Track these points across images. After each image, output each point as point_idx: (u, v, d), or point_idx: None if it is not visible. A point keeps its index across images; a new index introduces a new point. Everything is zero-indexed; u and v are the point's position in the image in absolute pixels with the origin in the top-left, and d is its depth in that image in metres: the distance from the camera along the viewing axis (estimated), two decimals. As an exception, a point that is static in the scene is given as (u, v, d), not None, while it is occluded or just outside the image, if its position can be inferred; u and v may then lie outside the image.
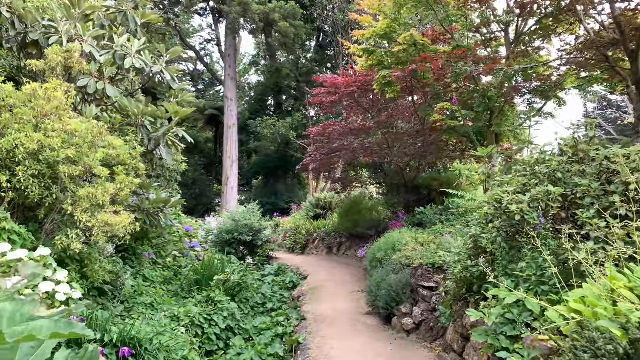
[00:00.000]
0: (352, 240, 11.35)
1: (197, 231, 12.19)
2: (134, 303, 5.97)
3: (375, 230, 9.92)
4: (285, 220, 16.40)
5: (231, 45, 20.22)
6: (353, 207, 11.32)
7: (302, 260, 11.83)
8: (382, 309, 6.03)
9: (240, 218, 11.48)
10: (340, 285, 8.50)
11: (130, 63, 6.33)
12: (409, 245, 7.08)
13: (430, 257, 6.09)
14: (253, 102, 24.64)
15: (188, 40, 31.63)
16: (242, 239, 11.18)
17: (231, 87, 19.85)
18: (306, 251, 13.36)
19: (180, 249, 9.09)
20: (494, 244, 3.53)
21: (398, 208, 11.29)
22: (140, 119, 6.46)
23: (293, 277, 9.44)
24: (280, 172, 25.61)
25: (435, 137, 9.77)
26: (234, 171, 20.06)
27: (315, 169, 10.34)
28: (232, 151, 19.94)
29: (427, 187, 10.95)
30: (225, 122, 20.07)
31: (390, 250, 7.27)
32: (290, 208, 18.08)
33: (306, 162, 10.13)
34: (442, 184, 10.56)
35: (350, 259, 11.07)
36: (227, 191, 19.92)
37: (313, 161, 9.90)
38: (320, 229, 13.28)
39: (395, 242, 7.33)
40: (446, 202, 9.61)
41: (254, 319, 6.66)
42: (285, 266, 10.64)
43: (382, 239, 8.13)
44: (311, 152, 10.01)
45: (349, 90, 9.49)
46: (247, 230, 11.33)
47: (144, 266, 7.25)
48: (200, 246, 9.61)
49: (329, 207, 15.01)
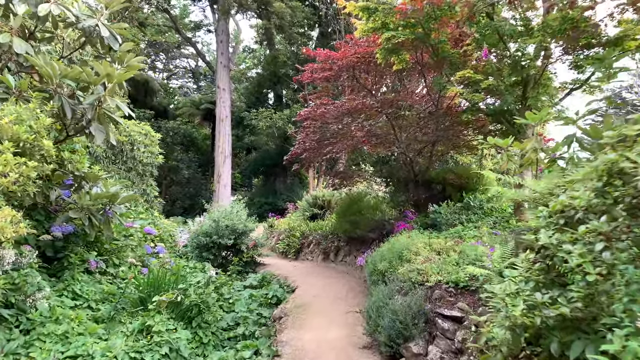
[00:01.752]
0: (351, 244, 9.62)
1: (175, 234, 10.59)
2: (40, 334, 4.30)
3: (379, 232, 8.18)
4: (280, 221, 14.70)
5: (223, 30, 18.56)
6: (352, 205, 9.59)
7: (294, 267, 10.12)
8: (385, 346, 4.29)
9: (220, 218, 9.81)
10: (333, 303, 6.78)
11: (47, 10, 4.71)
12: (421, 253, 5.33)
13: (451, 272, 4.35)
14: (249, 95, 22.97)
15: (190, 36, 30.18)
16: (223, 243, 9.51)
17: (224, 75, 18.21)
18: (300, 256, 11.65)
19: (140, 256, 7.44)
20: (600, 262, 1.79)
21: (407, 206, 9.55)
22: (57, 82, 4.78)
23: (278, 290, 7.74)
24: (279, 169, 23.86)
25: (452, 121, 8.01)
26: (226, 168, 18.39)
27: (307, 160, 8.57)
28: (225, 145, 18.29)
29: (440, 181, 9.18)
30: (217, 114, 18.41)
31: (395, 260, 5.54)
32: (288, 208, 16.38)
33: (295, 151, 8.38)
34: (459, 177, 8.78)
35: (348, 267, 9.34)
36: (220, 189, 18.26)
37: (303, 150, 8.17)
38: (317, 231, 11.56)
39: (403, 249, 5.60)
40: (465, 199, 7.84)
41: (211, 353, 4.95)
42: (272, 275, 8.94)
43: (385, 244, 6.41)
44: (301, 139, 8.30)
45: (347, 62, 7.76)
46: (228, 233, 9.66)
47: (77, 279, 5.59)
48: (165, 252, 7.95)
49: (328, 206, 13.28)
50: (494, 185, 9.40)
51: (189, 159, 24.83)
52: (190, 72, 47.45)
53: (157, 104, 25.68)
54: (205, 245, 9.61)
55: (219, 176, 18.33)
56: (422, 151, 9.12)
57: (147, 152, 11.18)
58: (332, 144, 7.70)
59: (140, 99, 25.27)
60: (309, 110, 7.95)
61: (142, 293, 5.33)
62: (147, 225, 9.97)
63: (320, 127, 7.98)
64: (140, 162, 10.94)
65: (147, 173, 11.30)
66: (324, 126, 7.89)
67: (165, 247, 9.41)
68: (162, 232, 9.89)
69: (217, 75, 18.66)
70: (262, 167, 24.39)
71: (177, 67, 46.43)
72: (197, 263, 8.85)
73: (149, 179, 11.35)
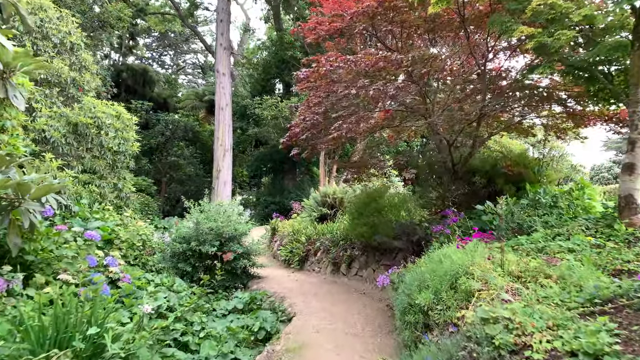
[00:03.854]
0: (368, 254, 7.44)
1: (151, 239, 8.57)
2: None
3: (407, 240, 5.99)
4: (285, 223, 12.55)
5: (224, 8, 16.52)
6: (370, 204, 7.41)
7: (295, 281, 7.99)
8: None
9: (201, 220, 7.74)
10: (344, 344, 4.62)
11: None
12: (495, 281, 3.13)
13: (572, 331, 2.14)
14: (255, 83, 20.88)
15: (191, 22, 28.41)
16: (204, 251, 7.43)
17: (224, 58, 16.19)
18: (305, 266, 9.51)
19: (78, 271, 5.41)
20: None
21: (438, 205, 7.34)
22: None
23: (268, 319, 5.63)
24: (288, 166, 21.76)
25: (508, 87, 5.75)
26: (226, 162, 16.34)
27: (309, 144, 6.31)
28: (225, 137, 16.25)
29: (487, 172, 6.94)
30: (217, 101, 16.38)
31: (446, 290, 3.35)
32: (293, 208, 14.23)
33: (293, 131, 6.12)
34: (515, 166, 6.53)
35: (365, 283, 7.16)
36: (219, 186, 16.23)
37: (303, 129, 5.94)
38: (325, 235, 9.41)
39: (458, 271, 3.40)
40: (530, 194, 5.59)
41: None
42: (265, 295, 6.83)
43: (424, 259, 4.22)
44: (301, 113, 6.06)
45: (365, 7, 5.59)
46: (212, 238, 7.58)
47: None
48: (117, 264, 5.88)
49: (340, 204, 11.11)
50: (554, 177, 7.11)
51: (190, 154, 22.92)
52: (200, 67, 45.85)
53: (157, 95, 23.89)
54: (181, 254, 7.55)
55: (218, 172, 16.30)
56: (461, 132, 6.89)
57: (120, 138, 9.19)
58: (343, 119, 5.49)
59: (139, 90, 23.53)
60: (309, 72, 5.73)
61: (32, 343, 3.25)
62: (116, 227, 8.01)
63: (327, 97, 5.81)
64: (109, 150, 8.96)
65: (120, 164, 9.31)
66: (331, 95, 5.73)
67: (126, 257, 7.40)
68: (131, 237, 7.90)
69: (216, 58, 16.65)
70: (270, 162, 22.30)
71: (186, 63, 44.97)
72: (167, 278, 6.79)
73: (121, 170, 9.36)
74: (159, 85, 25.63)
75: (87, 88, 9.96)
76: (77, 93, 9.71)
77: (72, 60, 9.89)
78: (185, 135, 23.46)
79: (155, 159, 22.34)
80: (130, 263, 7.51)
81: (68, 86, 9.67)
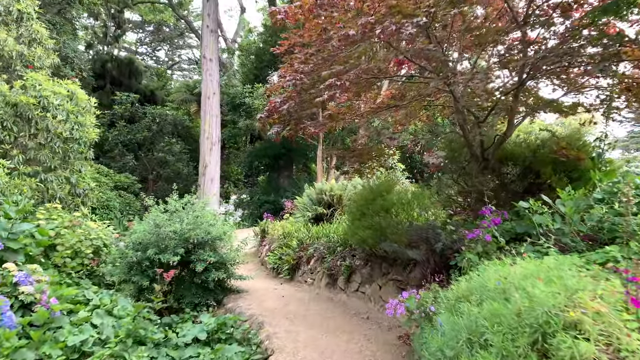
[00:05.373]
0: (373, 264, 5.85)
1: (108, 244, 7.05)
2: None
3: (428, 248, 4.40)
4: (276, 225, 10.94)
5: (211, -13, 15.00)
6: (374, 200, 5.82)
7: (282, 298, 6.42)
8: None
9: (163, 221, 6.15)
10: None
11: None
12: (629, 344, 1.49)
13: None
14: (247, 72, 19.27)
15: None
16: (164, 261, 5.83)
17: (211, 42, 14.63)
18: (296, 276, 7.92)
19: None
20: None
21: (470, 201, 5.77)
22: None
23: (235, 358, 4.05)
24: (284, 162, 20.15)
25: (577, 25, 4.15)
26: (214, 157, 14.76)
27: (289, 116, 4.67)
28: (212, 129, 14.68)
29: (527, 158, 5.36)
30: (203, 90, 14.80)
31: (526, 356, 1.74)
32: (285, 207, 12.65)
33: (272, 105, 4.51)
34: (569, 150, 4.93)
35: (368, 303, 5.56)
36: (205, 184, 14.65)
37: (284, 99, 4.33)
38: (320, 240, 7.82)
39: (547, 319, 1.79)
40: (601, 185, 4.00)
41: None
42: (238, 319, 5.23)
43: (471, 283, 2.63)
44: (281, 75, 4.47)
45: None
46: (175, 243, 5.99)
47: None
48: (33, 282, 4.32)
49: (338, 202, 9.54)
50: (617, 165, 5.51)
51: (180, 150, 21.32)
52: (195, 62, 44.29)
53: (144, 88, 22.31)
54: (137, 264, 5.97)
55: (205, 167, 14.70)
56: (495, 106, 5.31)
57: (73, 122, 7.63)
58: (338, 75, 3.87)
59: (125, 82, 21.98)
60: (288, 7, 4.07)
61: None
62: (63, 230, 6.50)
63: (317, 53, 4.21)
64: (58, 137, 7.39)
65: (73, 153, 7.74)
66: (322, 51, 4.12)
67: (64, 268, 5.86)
68: (79, 243, 6.37)
69: (202, 42, 15.07)
70: (265, 158, 20.68)
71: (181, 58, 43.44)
72: (110, 297, 5.21)
73: (75, 162, 7.79)
74: (147, 77, 24.06)
75: (38, 65, 8.39)
76: (25, 70, 8.15)
77: (20, 32, 8.33)
78: (175, 130, 21.87)
79: (142, 155, 20.78)
80: (71, 276, 5.95)
81: (14, 62, 8.10)
